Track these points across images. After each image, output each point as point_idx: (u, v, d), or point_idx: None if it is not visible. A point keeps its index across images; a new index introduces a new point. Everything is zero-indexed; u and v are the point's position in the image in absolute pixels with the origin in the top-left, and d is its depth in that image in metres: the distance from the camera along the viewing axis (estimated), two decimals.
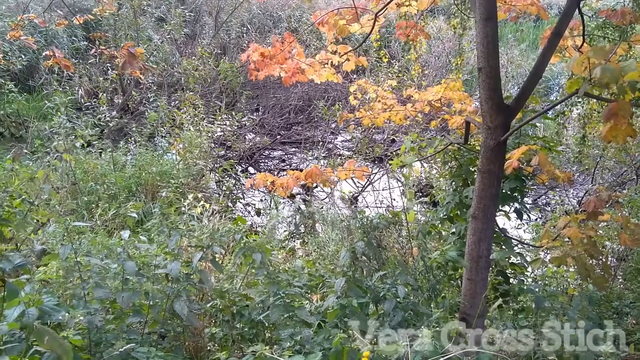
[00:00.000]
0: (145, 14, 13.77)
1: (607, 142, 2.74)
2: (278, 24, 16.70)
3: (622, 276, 6.21)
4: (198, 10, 16.12)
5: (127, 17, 12.73)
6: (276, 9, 17.12)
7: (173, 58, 13.59)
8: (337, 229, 7.31)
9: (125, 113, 12.08)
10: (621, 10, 3.43)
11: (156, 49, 12.67)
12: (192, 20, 15.99)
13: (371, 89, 5.13)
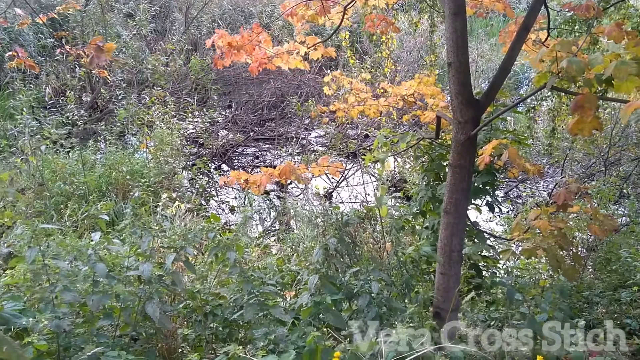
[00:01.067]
0: (113, 10, 13.51)
1: (574, 135, 2.77)
2: (249, 19, 16.56)
3: (592, 266, 6.32)
4: (167, 6, 15.88)
5: (95, 14, 12.47)
6: (247, 5, 16.98)
7: (142, 55, 13.36)
8: (311, 225, 7.29)
9: (94, 111, 11.85)
10: (586, 4, 3.48)
11: (125, 46, 12.44)
12: (162, 16, 15.75)
13: (345, 80, 5.12)
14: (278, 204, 9.25)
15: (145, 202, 6.62)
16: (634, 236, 6.53)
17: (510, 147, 3.69)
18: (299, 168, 4.21)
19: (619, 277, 5.53)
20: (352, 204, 9.38)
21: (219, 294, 4.16)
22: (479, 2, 4.33)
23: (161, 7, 15.46)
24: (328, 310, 3.56)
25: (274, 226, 8.44)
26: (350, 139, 11.30)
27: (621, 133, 9.16)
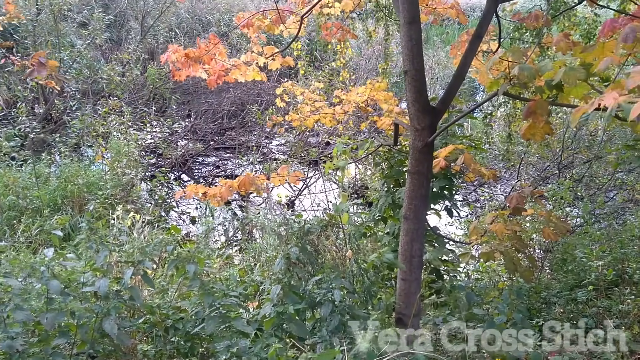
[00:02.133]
0: (66, 20, 13.19)
1: (526, 140, 2.84)
2: (207, 28, 16.45)
3: (549, 267, 6.48)
4: (123, 15, 15.62)
5: (47, 23, 12.15)
6: (205, 13, 16.86)
7: (98, 64, 13.09)
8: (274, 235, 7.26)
9: (48, 123, 11.52)
10: (534, 14, 3.58)
11: (79, 55, 12.16)
12: (117, 25, 15.47)
13: (298, 91, 5.12)
14: (240, 214, 9.17)
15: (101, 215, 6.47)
16: (588, 237, 6.74)
17: (465, 152, 3.77)
18: (258, 178, 4.19)
19: (575, 277, 5.69)
20: (315, 212, 9.38)
21: (180, 308, 4.08)
22: (433, 9, 4.41)
23: (116, 16, 15.18)
24: (291, 320, 3.54)
25: (236, 236, 8.37)
26: (312, 147, 11.32)
27: (573, 136, 9.45)
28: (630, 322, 4.62)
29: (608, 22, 2.59)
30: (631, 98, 1.91)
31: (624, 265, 5.66)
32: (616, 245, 6.22)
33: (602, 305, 4.94)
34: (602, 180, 8.93)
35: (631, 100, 1.90)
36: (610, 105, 1.92)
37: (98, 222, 5.57)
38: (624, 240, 6.41)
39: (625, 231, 6.90)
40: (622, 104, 1.91)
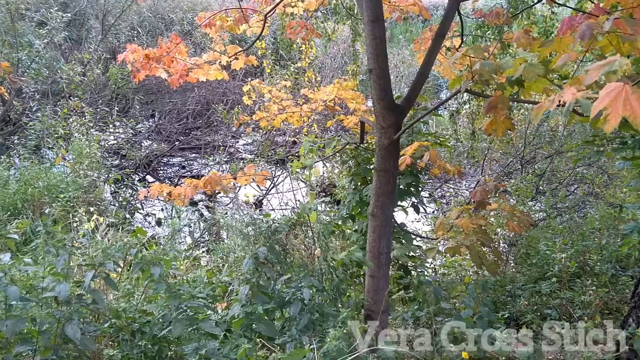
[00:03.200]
0: (24, 19, 12.81)
1: (488, 135, 2.88)
2: (170, 26, 16.21)
3: (514, 260, 6.61)
4: (83, 14, 15.26)
5: (4, 23, 11.78)
6: (167, 12, 16.61)
7: (57, 64, 12.75)
8: (242, 235, 7.20)
9: (6, 124, 11.18)
10: (495, 11, 3.65)
11: (38, 55, 11.83)
12: (77, 24, 15.11)
13: (265, 89, 5.09)
14: (207, 215, 9.08)
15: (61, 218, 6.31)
16: (551, 230, 6.90)
17: (431, 149, 3.81)
18: (224, 178, 4.15)
19: (539, 269, 5.82)
20: (283, 211, 9.35)
21: (147, 311, 4.01)
22: (396, 7, 4.44)
23: (76, 15, 14.82)
24: (260, 320, 3.52)
25: (204, 237, 8.28)
26: (279, 146, 11.28)
27: (535, 132, 9.66)
28: (592, 313, 4.75)
29: (566, 19, 2.65)
30: (588, 94, 1.95)
31: (585, 257, 5.82)
32: (578, 238, 6.39)
33: (565, 296, 5.07)
34: (563, 174, 9.16)
35: (588, 96, 1.95)
36: (568, 101, 1.96)
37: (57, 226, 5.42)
38: (585, 232, 6.59)
39: (586, 224, 7.10)
40: (580, 99, 1.96)
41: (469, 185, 10.55)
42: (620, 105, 1.66)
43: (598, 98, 1.73)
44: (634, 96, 1.65)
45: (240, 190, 9.58)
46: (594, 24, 2.31)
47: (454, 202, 9.05)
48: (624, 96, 1.66)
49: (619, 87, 1.69)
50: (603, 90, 1.73)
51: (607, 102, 1.68)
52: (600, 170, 8.83)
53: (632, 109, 1.64)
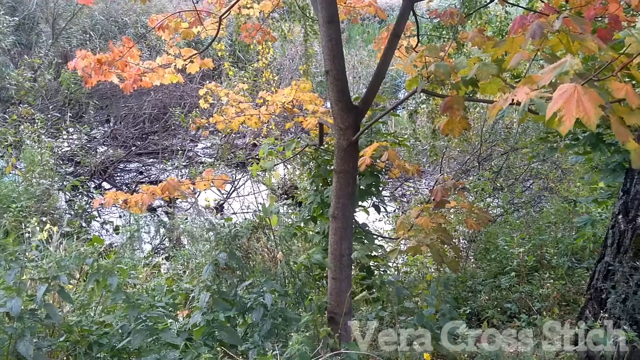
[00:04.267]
0: None
1: (445, 135, 2.91)
2: (124, 29, 15.86)
3: (474, 256, 6.71)
4: (32, 17, 14.76)
5: None
6: (120, 15, 16.24)
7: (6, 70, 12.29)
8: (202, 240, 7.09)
9: None
10: (449, 11, 3.69)
11: None
12: (27, 28, 14.61)
13: (222, 92, 5.02)
14: (167, 221, 8.91)
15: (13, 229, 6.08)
16: (508, 225, 7.04)
17: (389, 149, 3.82)
18: (183, 183, 4.06)
19: (498, 264, 5.93)
20: (245, 215, 9.26)
21: (104, 322, 3.89)
22: (351, 8, 4.45)
23: (25, 19, 14.33)
24: (222, 327, 3.46)
25: (163, 244, 8.12)
26: (239, 149, 11.17)
27: (490, 130, 9.84)
28: (550, 305, 4.86)
29: (518, 19, 2.69)
30: (541, 93, 1.98)
31: (542, 251, 5.96)
32: (534, 232, 6.54)
33: (524, 290, 5.17)
34: (519, 170, 9.37)
35: (541, 95, 1.97)
36: (522, 100, 1.98)
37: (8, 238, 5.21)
38: (541, 227, 6.75)
39: (542, 218, 7.27)
40: (533, 98, 1.98)
41: (429, 184, 10.68)
42: (574, 107, 1.69)
43: (552, 100, 1.75)
44: (585, 97, 1.68)
45: (200, 195, 9.44)
46: (544, 22, 2.35)
47: (414, 201, 9.13)
48: (577, 97, 1.69)
49: (572, 89, 1.71)
50: (556, 92, 1.75)
51: (560, 103, 1.70)
52: (554, 166, 9.07)
53: (584, 109, 1.67)
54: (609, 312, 3.36)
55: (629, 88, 1.86)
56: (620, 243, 3.42)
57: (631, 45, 1.84)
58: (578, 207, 6.47)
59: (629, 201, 3.41)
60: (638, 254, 3.30)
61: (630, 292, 3.20)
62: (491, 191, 8.40)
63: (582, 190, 7.81)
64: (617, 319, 3.29)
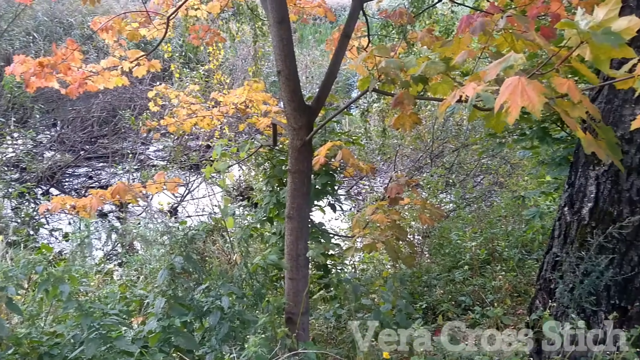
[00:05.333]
0: None
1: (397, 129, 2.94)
2: (69, 31, 15.36)
3: (428, 252, 6.83)
4: None
5: None
6: (65, 15, 15.72)
7: None
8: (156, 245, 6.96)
9: None
10: (399, 11, 3.74)
11: None
12: None
13: (172, 94, 4.93)
14: (119, 226, 8.70)
15: None
16: (461, 220, 7.20)
17: (343, 148, 3.84)
18: (134, 187, 3.97)
19: (452, 259, 6.05)
20: (200, 217, 9.14)
21: (56, 332, 3.77)
22: (301, 8, 4.45)
23: None
24: (178, 333, 3.40)
25: (116, 249, 7.92)
26: (192, 151, 11.02)
27: (441, 127, 10.04)
28: (503, 297, 5.00)
29: (464, 18, 2.75)
30: (487, 87, 2.03)
31: (493, 244, 6.12)
32: (486, 226, 6.71)
33: (477, 283, 5.30)
34: (470, 166, 9.59)
35: (488, 89, 2.02)
36: (470, 95, 2.03)
37: None
38: (492, 220, 6.93)
39: (493, 212, 7.47)
40: (480, 93, 2.03)
41: (383, 181, 10.80)
42: (519, 97, 1.74)
43: (499, 93, 1.80)
44: (529, 87, 1.74)
45: (153, 199, 9.26)
46: (488, 21, 2.41)
47: (369, 199, 9.22)
48: (521, 88, 1.75)
49: (516, 81, 1.77)
50: (503, 85, 1.81)
51: (507, 95, 1.76)
52: (503, 161, 9.32)
53: (529, 98, 1.73)
54: (558, 301, 3.48)
55: (571, 83, 1.93)
56: (567, 234, 3.54)
57: (571, 38, 1.91)
58: (527, 200, 6.68)
59: (574, 193, 3.53)
60: (584, 244, 3.42)
61: (577, 281, 3.32)
62: (443, 187, 8.57)
63: (530, 184, 8.06)
64: (566, 307, 3.40)
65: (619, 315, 3.24)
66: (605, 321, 3.20)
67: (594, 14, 1.85)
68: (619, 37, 1.76)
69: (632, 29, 1.77)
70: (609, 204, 3.34)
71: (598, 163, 3.37)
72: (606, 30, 1.78)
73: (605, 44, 1.77)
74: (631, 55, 1.86)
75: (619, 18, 1.79)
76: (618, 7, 1.79)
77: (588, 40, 1.84)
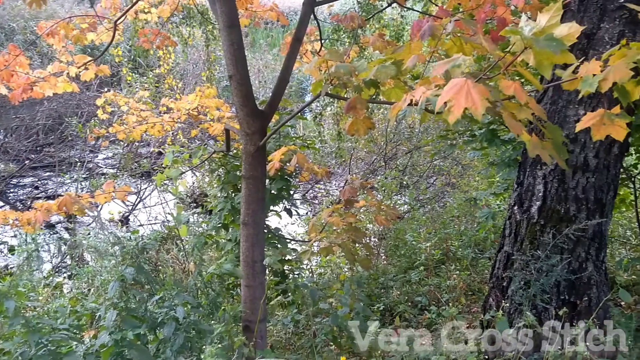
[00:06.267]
0: None
1: (351, 135, 2.95)
2: (11, 36, 14.79)
3: (384, 253, 6.89)
4: None
5: None
6: (7, 20, 15.13)
7: None
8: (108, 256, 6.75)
9: None
10: (350, 15, 3.76)
11: None
12: None
13: (122, 101, 4.81)
14: (68, 237, 8.41)
15: None
16: (415, 221, 7.30)
17: (298, 153, 3.82)
18: (82, 197, 3.84)
19: (408, 259, 6.12)
20: (153, 226, 8.94)
21: (3, 350, 3.60)
22: (253, 12, 4.42)
23: None
24: (132, 345, 3.30)
25: (65, 262, 7.65)
26: (143, 158, 10.78)
27: (395, 130, 10.17)
28: (458, 296, 5.09)
29: (415, 23, 2.78)
30: (437, 91, 2.05)
31: (447, 244, 6.23)
32: (440, 227, 6.82)
33: (433, 283, 5.38)
34: (423, 168, 9.75)
35: (436, 93, 2.05)
36: (420, 99, 2.05)
37: None
38: (445, 221, 7.06)
39: (446, 213, 7.61)
40: (429, 97, 2.05)
41: (339, 185, 10.85)
42: (463, 97, 1.77)
43: (444, 91, 1.82)
44: (474, 89, 1.77)
45: (103, 208, 8.99)
46: (435, 25, 2.44)
47: (325, 202, 9.24)
48: (466, 90, 1.77)
49: (462, 82, 1.80)
50: (448, 84, 1.83)
51: (451, 94, 1.78)
52: (454, 162, 9.52)
53: (472, 100, 1.75)
54: (511, 299, 3.56)
55: (517, 85, 1.97)
56: (517, 233, 3.64)
57: (515, 44, 1.96)
58: (478, 200, 6.83)
59: (523, 193, 3.63)
60: (533, 242, 3.51)
61: (530, 279, 3.41)
62: (397, 189, 8.67)
63: (481, 184, 8.25)
64: (519, 305, 3.48)
65: (568, 310, 3.35)
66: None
67: (537, 20, 1.90)
68: (560, 43, 1.81)
69: (572, 35, 1.83)
70: (556, 202, 3.45)
71: (545, 163, 3.47)
72: (548, 36, 1.83)
73: (547, 50, 1.82)
74: (572, 60, 1.91)
75: (560, 24, 1.85)
76: (560, 13, 1.84)
77: (531, 47, 1.88)
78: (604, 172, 3.39)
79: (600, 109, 1.95)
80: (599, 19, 3.22)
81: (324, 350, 3.65)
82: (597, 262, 3.47)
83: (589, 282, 3.44)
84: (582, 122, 1.99)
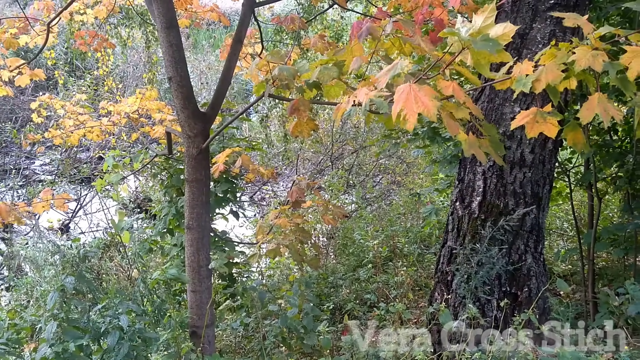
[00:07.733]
0: None
1: (295, 137, 2.95)
2: None
3: (333, 252, 6.93)
4: None
5: None
6: None
7: None
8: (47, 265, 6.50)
9: None
10: (290, 17, 3.76)
11: None
12: None
13: (58, 104, 4.63)
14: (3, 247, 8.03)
15: None
16: (363, 220, 7.38)
17: (243, 154, 3.79)
18: (17, 206, 3.67)
19: (356, 258, 6.18)
20: (94, 233, 8.66)
21: None
22: (193, 12, 4.35)
23: None
24: (74, 357, 3.19)
25: (1, 273, 7.31)
26: (83, 163, 10.43)
27: (340, 130, 10.25)
28: (405, 291, 5.18)
29: (355, 24, 2.81)
30: (380, 92, 2.08)
31: (394, 241, 6.33)
32: (386, 224, 6.93)
33: (381, 280, 5.45)
34: (369, 167, 9.88)
35: (380, 95, 2.08)
36: (363, 101, 2.07)
37: None
38: (392, 218, 7.17)
39: (392, 210, 7.73)
40: (373, 98, 2.08)
41: (287, 186, 10.84)
42: (414, 103, 1.80)
43: (395, 101, 1.84)
44: (421, 92, 1.80)
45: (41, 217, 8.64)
46: (374, 26, 2.48)
47: (273, 204, 9.21)
48: (414, 95, 1.80)
49: (407, 88, 1.82)
50: (396, 93, 1.85)
51: (402, 103, 1.80)
52: (399, 160, 9.69)
53: (423, 104, 1.78)
54: (455, 292, 3.65)
55: (455, 85, 2.02)
56: (459, 228, 3.74)
57: (453, 45, 2.00)
58: (422, 197, 6.98)
59: (464, 189, 3.73)
60: (475, 236, 3.62)
61: (472, 272, 3.51)
62: (344, 188, 8.75)
63: (425, 182, 8.43)
64: (463, 298, 3.58)
65: (510, 301, 3.47)
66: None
67: (473, 22, 1.95)
68: (496, 43, 1.87)
69: (507, 34, 1.89)
70: (495, 197, 3.56)
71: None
72: (484, 37, 1.88)
73: (484, 50, 1.88)
74: (508, 59, 1.98)
75: (495, 25, 1.91)
76: (494, 14, 1.90)
77: (469, 47, 1.94)
78: (539, 166, 3.52)
79: (533, 107, 2.03)
80: (532, 19, 3.36)
81: (274, 352, 3.64)
82: (535, 253, 3.61)
83: (529, 274, 3.57)
84: (516, 120, 2.06)
